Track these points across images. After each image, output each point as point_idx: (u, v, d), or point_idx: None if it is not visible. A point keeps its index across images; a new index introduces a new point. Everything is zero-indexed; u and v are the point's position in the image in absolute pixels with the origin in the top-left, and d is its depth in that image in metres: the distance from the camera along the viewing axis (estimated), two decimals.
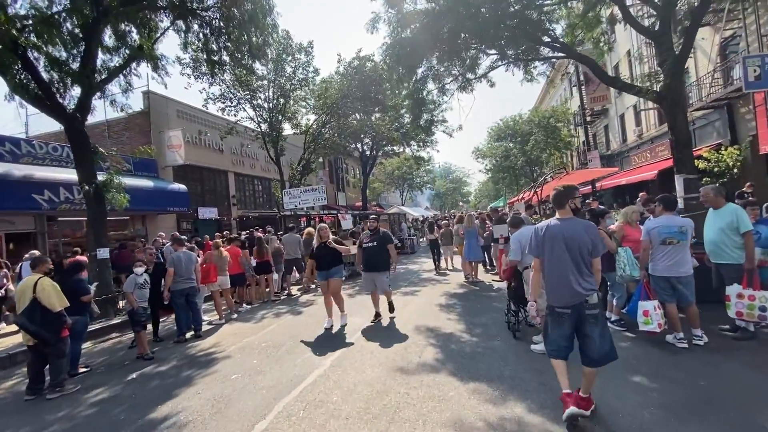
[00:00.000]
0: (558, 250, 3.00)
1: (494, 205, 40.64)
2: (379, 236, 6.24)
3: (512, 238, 4.48)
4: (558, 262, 3.00)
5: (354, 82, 15.66)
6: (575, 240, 2.94)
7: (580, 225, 3.01)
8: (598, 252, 2.96)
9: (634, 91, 9.20)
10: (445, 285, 8.97)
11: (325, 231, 6.41)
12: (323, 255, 6.24)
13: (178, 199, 14.46)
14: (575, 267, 2.93)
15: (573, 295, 2.92)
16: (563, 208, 3.09)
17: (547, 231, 3.08)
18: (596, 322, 2.90)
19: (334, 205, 26.77)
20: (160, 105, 16.05)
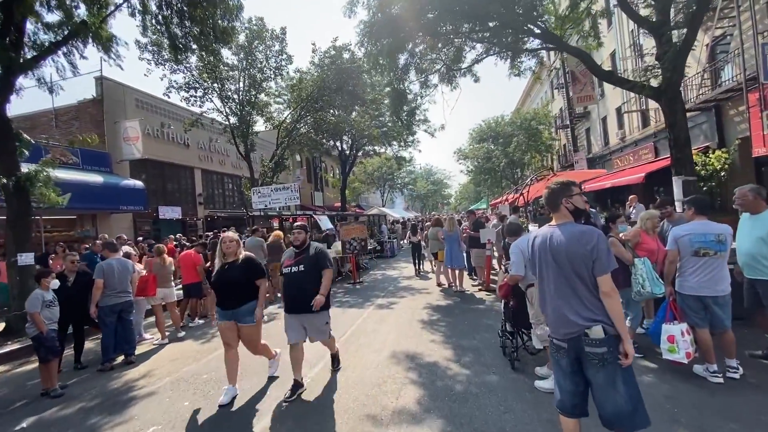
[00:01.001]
0: (546, 267, 2.29)
1: (473, 207, 40.34)
2: (308, 256, 3.87)
3: (512, 248, 3.60)
4: (548, 281, 2.29)
5: (330, 74, 14.61)
6: (566, 252, 2.17)
7: (573, 232, 2.19)
8: (603, 267, 2.12)
9: (629, 87, 8.59)
10: (427, 295, 8.07)
11: (231, 244, 3.91)
12: (227, 282, 3.79)
13: (133, 197, 13.05)
14: (569, 288, 2.19)
15: (567, 325, 2.17)
16: (558, 210, 2.30)
17: (535, 242, 2.35)
18: (602, 365, 2.08)
19: (310, 205, 25.58)
20: (116, 92, 14.56)
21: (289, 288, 3.87)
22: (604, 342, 2.09)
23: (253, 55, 13.79)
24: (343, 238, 10.12)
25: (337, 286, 10.11)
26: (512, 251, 3.56)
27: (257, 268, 3.99)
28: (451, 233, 8.11)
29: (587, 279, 2.16)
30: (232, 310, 3.81)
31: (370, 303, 7.59)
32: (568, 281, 2.19)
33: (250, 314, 3.86)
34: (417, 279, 10.44)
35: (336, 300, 8.20)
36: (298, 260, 3.86)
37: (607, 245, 2.20)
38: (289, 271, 3.85)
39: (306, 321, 3.88)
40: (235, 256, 3.91)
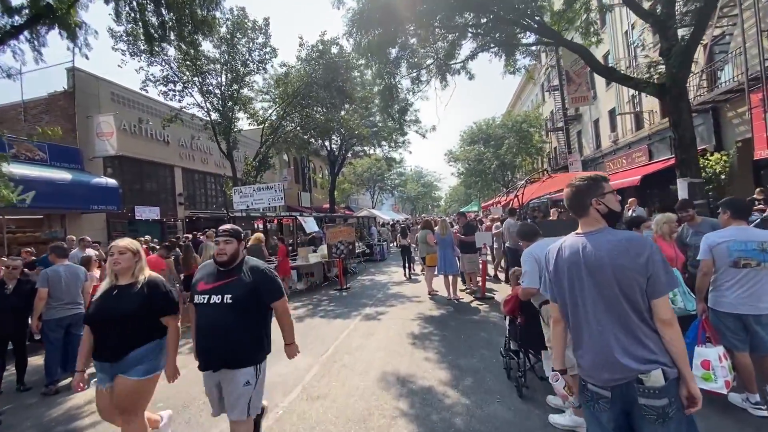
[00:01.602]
0: (581, 289, 1.70)
1: (465, 210, 40.06)
2: (240, 280, 2.44)
3: (525, 256, 3.03)
4: (584, 309, 1.69)
5: (318, 70, 13.98)
6: (610, 268, 1.60)
7: (615, 241, 1.64)
8: (661, 286, 1.58)
9: (632, 84, 8.17)
10: (418, 304, 7.49)
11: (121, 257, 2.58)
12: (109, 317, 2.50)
13: (105, 196, 12.20)
14: (615, 317, 1.62)
15: (612, 368, 1.61)
16: (586, 213, 1.74)
17: (561, 256, 1.76)
18: (662, 421, 1.52)
19: (297, 206, 24.84)
20: (89, 85, 13.69)
21: (202, 331, 2.37)
22: (664, 391, 1.54)
23: (235, 47, 13.08)
24: (330, 241, 9.50)
25: (322, 293, 9.47)
26: (525, 259, 2.99)
27: (166, 298, 2.63)
28: (444, 237, 7.55)
29: (640, 303, 1.60)
30: (114, 362, 2.47)
31: (357, 313, 6.97)
32: (614, 307, 1.63)
33: (139, 363, 2.49)
34: (407, 284, 9.86)
35: (320, 309, 7.57)
36: (221, 285, 2.38)
37: (663, 257, 1.65)
38: (205, 302, 2.36)
39: (226, 380, 2.39)
40: (133, 278, 2.58)
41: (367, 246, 15.74)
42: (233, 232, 2.52)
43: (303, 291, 9.77)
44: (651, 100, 15.63)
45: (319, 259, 10.18)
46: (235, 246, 2.49)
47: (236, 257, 2.51)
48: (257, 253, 8.78)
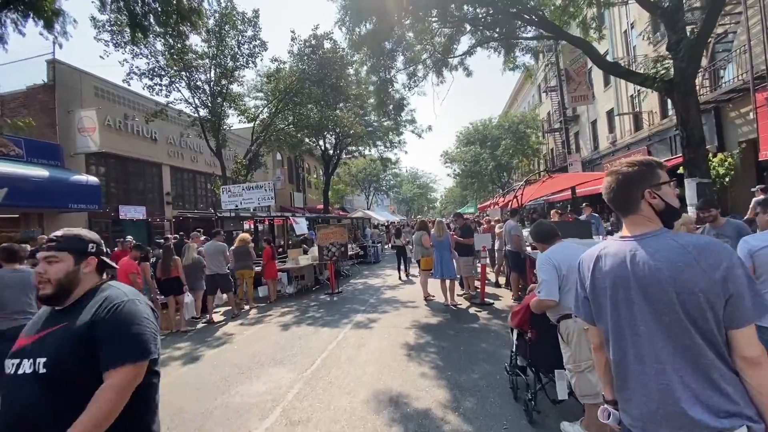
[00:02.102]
0: (631, 313, 1.26)
1: (460, 211, 39.73)
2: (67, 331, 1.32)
3: (542, 261, 2.59)
4: (634, 339, 1.26)
5: (311, 65, 13.52)
6: (671, 286, 1.18)
7: (680, 248, 1.20)
8: (747, 311, 1.15)
9: (638, 80, 7.80)
10: (413, 310, 7.05)
11: None
12: None
13: (85, 194, 11.61)
14: (681, 353, 1.19)
15: (679, 423, 1.17)
16: (635, 210, 1.31)
17: (600, 267, 1.33)
18: None
19: (290, 206, 24.33)
20: (71, 78, 13.11)
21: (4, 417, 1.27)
22: None
23: (223, 41, 12.58)
24: (320, 243, 9.03)
25: (312, 297, 9.00)
26: (542, 266, 2.54)
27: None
28: (441, 239, 7.11)
29: (715, 334, 1.17)
30: None
31: (348, 320, 6.51)
32: (678, 338, 1.19)
33: None
34: (402, 288, 9.42)
35: (308, 316, 7.09)
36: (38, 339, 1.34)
37: (747, 270, 1.22)
38: (12, 371, 1.30)
39: None
40: None
41: (361, 248, 15.27)
42: (64, 240, 1.45)
43: (292, 295, 9.29)
44: (651, 101, 15.37)
45: (309, 261, 9.71)
46: (65, 267, 1.41)
47: (69, 285, 1.41)
48: (244, 255, 8.30)
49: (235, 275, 8.36)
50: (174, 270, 6.86)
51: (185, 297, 7.09)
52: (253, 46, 12.98)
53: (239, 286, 8.40)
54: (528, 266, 7.01)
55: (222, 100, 13.46)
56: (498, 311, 6.53)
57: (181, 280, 6.90)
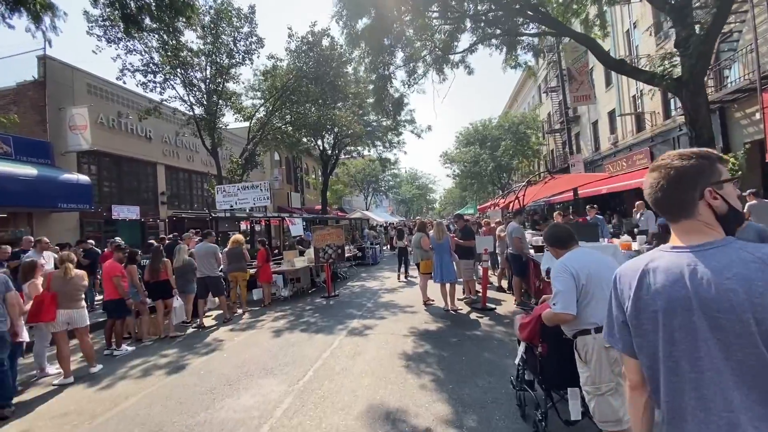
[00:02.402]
0: (692, 344, 0.98)
1: (460, 212, 39.44)
2: None
3: (559, 269, 2.30)
4: (695, 378, 0.98)
5: (308, 63, 13.26)
6: (749, 311, 0.90)
7: (757, 261, 0.93)
8: None
9: (645, 78, 7.56)
10: (412, 316, 6.78)
11: None
12: None
13: (75, 193, 11.34)
14: (761, 401, 0.91)
15: None
16: (691, 213, 1.04)
17: (647, 284, 1.06)
18: None
19: (287, 207, 24.04)
20: (62, 75, 12.83)
21: None
22: None
23: (219, 38, 12.32)
24: (317, 244, 8.76)
25: (307, 300, 8.73)
26: (558, 274, 2.25)
27: None
28: (441, 242, 6.84)
29: None
30: None
31: (343, 326, 6.24)
32: (757, 380, 0.91)
33: None
34: (400, 292, 9.15)
35: (302, 321, 6.81)
36: None
37: None
38: None
39: None
40: None
41: (359, 249, 15.01)
42: None
43: (288, 298, 9.01)
44: (653, 101, 15.15)
45: (305, 263, 9.44)
46: None
47: None
48: (237, 257, 8.02)
49: (228, 278, 8.09)
50: (163, 273, 6.57)
51: (174, 301, 6.79)
52: (249, 43, 12.72)
53: (232, 289, 8.12)
54: (531, 269, 6.76)
55: (218, 98, 13.18)
56: (500, 317, 6.27)
57: (170, 283, 6.62)
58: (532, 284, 6.70)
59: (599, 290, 2.13)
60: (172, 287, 6.65)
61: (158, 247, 6.99)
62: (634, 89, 16.15)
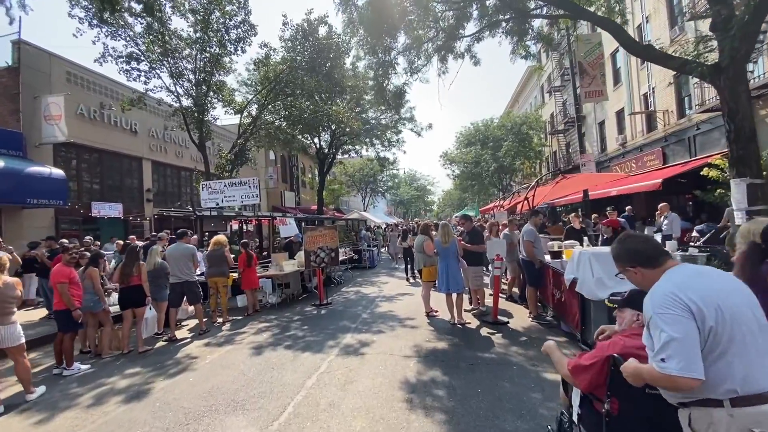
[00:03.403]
0: None
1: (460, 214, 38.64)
2: None
3: (662, 299, 1.41)
4: None
5: (304, 52, 12.43)
6: None
7: None
8: None
9: (676, 65, 6.76)
10: (413, 331, 5.94)
11: None
12: None
13: (48, 188, 10.46)
14: None
15: None
16: None
17: None
18: None
19: (281, 206, 23.18)
20: (39, 61, 11.96)
21: None
22: None
23: (209, 24, 11.48)
24: (308, 247, 7.91)
25: (296, 309, 7.88)
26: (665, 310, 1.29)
27: None
28: (447, 246, 6.01)
29: None
30: None
31: (335, 343, 5.39)
32: None
33: None
34: (399, 300, 8.30)
35: (288, 335, 5.96)
36: None
37: None
38: None
39: None
40: None
41: (355, 252, 14.16)
42: None
43: (275, 306, 8.16)
44: (666, 99, 14.41)
45: (295, 267, 8.59)
46: None
47: None
48: (219, 260, 7.17)
49: (208, 283, 7.25)
50: (135, 277, 5.71)
51: (147, 310, 5.89)
52: (241, 31, 11.88)
53: (212, 295, 7.27)
54: (549, 277, 5.94)
55: (207, 89, 12.33)
56: (515, 334, 5.44)
57: (143, 289, 5.75)
58: (550, 295, 5.88)
59: (738, 333, 1.31)
60: (145, 295, 5.78)
61: (135, 247, 6.12)
62: (646, 87, 15.41)
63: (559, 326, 5.54)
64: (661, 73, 14.63)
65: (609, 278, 4.16)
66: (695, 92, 12.31)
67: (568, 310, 4.98)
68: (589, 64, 12.49)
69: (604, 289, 4.13)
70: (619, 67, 17.28)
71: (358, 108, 19.11)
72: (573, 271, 4.76)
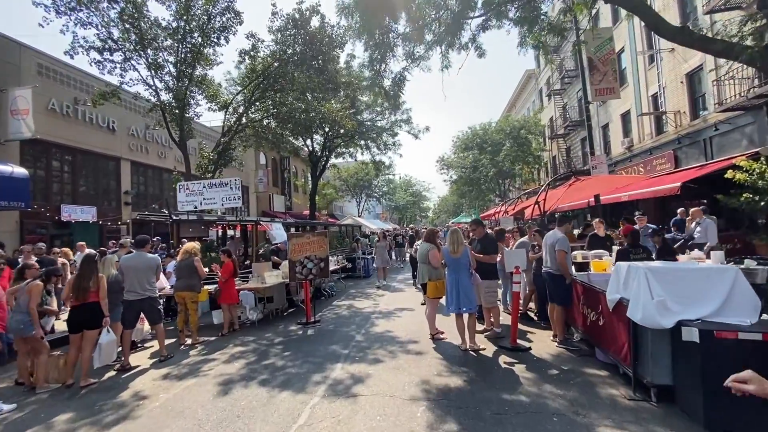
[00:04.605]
0: None
1: (457, 220, 37.75)
2: None
3: None
4: None
5: (294, 45, 11.52)
6: None
7: None
8: None
9: (718, 48, 5.92)
10: (419, 359, 4.94)
11: None
12: None
13: (7, 189, 9.35)
14: None
15: None
16: None
17: None
18: None
19: (269, 210, 22.13)
20: (7, 52, 10.95)
21: None
22: None
23: (189, 11, 10.53)
24: (293, 256, 6.91)
25: (279, 328, 6.84)
26: None
27: None
28: (457, 256, 5.05)
29: None
30: None
31: (321, 378, 4.38)
32: None
33: None
34: (398, 317, 7.31)
35: (265, 364, 4.92)
36: None
37: None
38: None
39: None
40: None
41: (349, 260, 13.15)
42: None
43: (255, 323, 7.13)
44: (677, 100, 13.66)
45: (278, 279, 7.57)
46: None
47: None
48: (188, 271, 6.14)
49: (176, 298, 6.21)
50: (93, 292, 4.64)
51: (103, 334, 4.76)
52: (226, 19, 10.94)
53: (180, 312, 6.22)
54: (578, 294, 5.00)
55: (188, 82, 11.35)
56: (542, 364, 4.47)
57: (100, 307, 4.68)
58: (579, 315, 4.93)
59: None
60: (103, 314, 4.71)
61: (93, 256, 5.04)
62: (655, 87, 14.68)
63: (594, 354, 4.59)
64: (672, 72, 13.92)
65: (675, 301, 3.22)
66: (713, 90, 11.54)
67: (611, 336, 4.03)
68: (600, 60, 11.72)
69: (668, 316, 3.19)
70: (624, 68, 16.57)
71: (353, 109, 18.23)
72: (618, 289, 3.82)
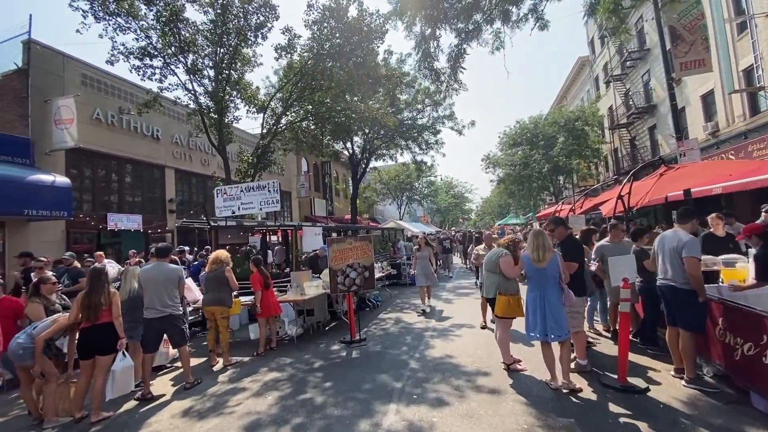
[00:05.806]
0: None
1: (503, 222, 35.64)
2: None
3: None
4: None
5: (331, 38, 10.78)
6: None
7: None
8: None
9: None
10: (494, 400, 3.80)
11: None
12: None
13: (50, 198, 9.35)
14: None
15: None
16: None
17: None
18: None
19: (311, 215, 21.71)
20: (51, 63, 11.12)
21: None
22: None
23: (227, 10, 10.11)
24: (334, 265, 6.03)
25: (321, 346, 5.95)
26: None
27: None
28: (543, 266, 3.84)
29: None
30: None
31: (370, 425, 3.37)
32: None
33: None
34: (456, 335, 6.16)
35: (302, 400, 4.01)
36: None
37: None
38: None
39: None
40: None
41: (393, 266, 12.15)
42: None
43: (294, 340, 6.31)
44: None
45: (319, 290, 6.71)
46: None
47: None
48: (219, 283, 5.42)
49: (204, 314, 5.53)
50: (105, 311, 3.98)
51: (118, 360, 4.08)
52: (261, 15, 10.42)
53: (210, 329, 5.52)
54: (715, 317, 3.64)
55: (225, 84, 10.96)
56: (674, 414, 3.18)
57: (114, 328, 4.00)
58: (718, 345, 3.58)
59: None
60: (118, 336, 4.02)
61: (101, 269, 4.40)
62: (749, 59, 12.41)
63: (748, 400, 3.23)
64: None
65: None
66: None
67: None
68: (685, 28, 9.89)
69: None
70: None
71: (393, 108, 17.33)
72: None
